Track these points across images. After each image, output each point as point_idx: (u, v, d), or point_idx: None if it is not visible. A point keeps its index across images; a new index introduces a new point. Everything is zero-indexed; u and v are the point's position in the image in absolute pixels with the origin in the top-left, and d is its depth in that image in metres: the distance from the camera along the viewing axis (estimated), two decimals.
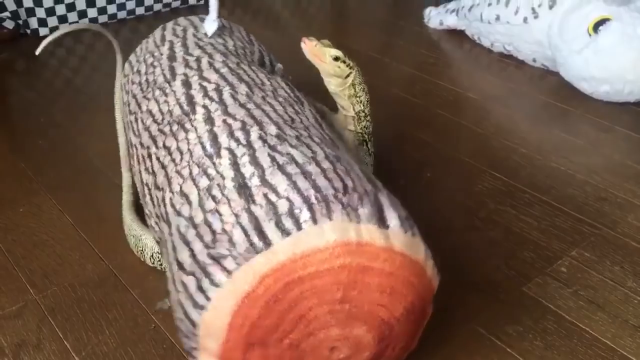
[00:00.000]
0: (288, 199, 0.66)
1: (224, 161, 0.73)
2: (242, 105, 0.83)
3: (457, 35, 1.88)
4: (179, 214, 0.72)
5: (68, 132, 1.37)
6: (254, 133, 0.77)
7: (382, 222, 0.67)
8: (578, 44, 1.46)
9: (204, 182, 0.72)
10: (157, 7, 2.01)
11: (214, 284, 0.63)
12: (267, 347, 0.66)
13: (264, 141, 0.75)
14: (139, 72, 1.06)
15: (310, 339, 0.67)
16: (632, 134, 1.39)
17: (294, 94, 0.94)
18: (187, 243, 0.68)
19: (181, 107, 0.87)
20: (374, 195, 0.69)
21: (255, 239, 0.64)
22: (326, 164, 0.71)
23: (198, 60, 0.98)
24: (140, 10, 1.98)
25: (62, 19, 1.84)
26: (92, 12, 1.88)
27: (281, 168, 0.70)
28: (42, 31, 1.83)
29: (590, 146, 1.35)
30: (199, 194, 0.71)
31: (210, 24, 1.09)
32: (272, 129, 0.78)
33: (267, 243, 0.63)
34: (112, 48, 1.80)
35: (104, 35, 1.87)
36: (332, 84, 0.99)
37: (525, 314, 0.93)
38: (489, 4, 1.69)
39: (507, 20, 1.64)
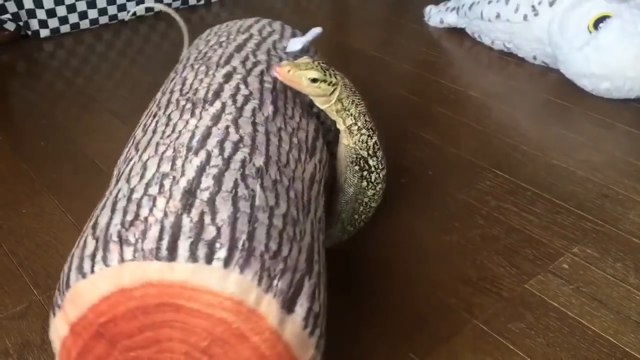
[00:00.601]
0: (219, 229, 0.62)
1: (195, 161, 0.71)
2: (253, 124, 0.80)
3: (458, 33, 1.89)
4: (128, 180, 0.70)
5: (69, 133, 1.37)
6: (240, 154, 0.74)
7: (288, 304, 0.62)
8: (578, 41, 1.47)
9: (165, 167, 0.70)
10: (158, 7, 2.02)
11: (105, 261, 0.61)
12: (113, 347, 0.63)
13: (243, 166, 0.72)
14: (207, 42, 1.04)
15: None
16: (633, 130, 1.39)
17: (312, 141, 0.89)
18: (113, 210, 0.66)
19: (207, 93, 0.85)
20: (301, 276, 0.65)
21: (164, 246, 0.61)
22: (277, 221, 0.67)
23: (255, 64, 0.94)
24: (140, 11, 1.98)
25: (63, 20, 1.84)
26: (92, 14, 1.88)
27: (235, 198, 0.66)
28: (43, 33, 1.83)
29: (592, 143, 1.35)
30: (154, 174, 0.69)
31: (296, 43, 1.06)
32: (259, 161, 0.74)
33: (172, 257, 0.60)
34: (112, 48, 1.81)
35: (103, 37, 1.87)
36: (318, 103, 0.92)
37: (528, 311, 0.93)
38: (489, 2, 1.69)
39: (507, 18, 1.64)
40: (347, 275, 0.99)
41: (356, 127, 0.93)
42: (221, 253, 0.60)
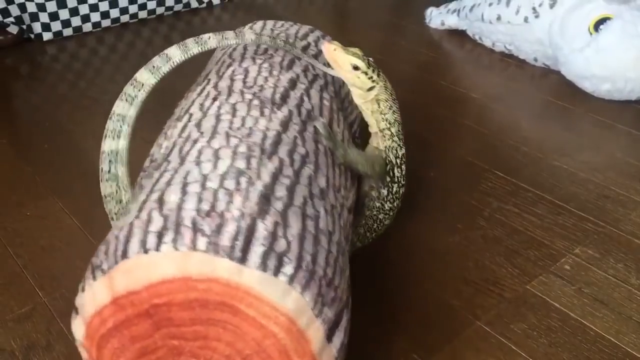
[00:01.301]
0: (289, 243, 0.62)
1: (270, 166, 0.69)
2: (315, 141, 0.80)
3: (459, 35, 1.89)
4: (198, 164, 0.68)
5: (73, 136, 1.38)
6: (307, 169, 0.73)
7: (330, 333, 0.63)
8: (579, 43, 1.47)
9: (240, 164, 0.68)
10: (160, 10, 2.03)
11: (175, 243, 0.59)
12: (157, 330, 0.62)
13: (309, 183, 0.72)
14: (272, 35, 1.00)
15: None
16: (633, 131, 1.40)
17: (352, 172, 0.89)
18: (184, 192, 0.64)
19: (273, 94, 0.83)
20: (342, 308, 0.66)
21: (238, 247, 0.60)
22: (333, 249, 0.68)
23: (315, 77, 0.94)
24: (143, 14, 1.99)
25: (66, 24, 1.85)
26: (95, 17, 1.89)
27: (304, 216, 0.66)
28: (46, 36, 1.84)
29: (592, 144, 1.35)
30: (229, 167, 0.67)
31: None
32: (322, 181, 0.73)
33: (244, 260, 0.59)
34: (114, 51, 1.82)
35: (106, 40, 1.88)
36: (355, 94, 0.92)
37: (530, 312, 0.93)
38: (490, 4, 1.70)
39: (508, 19, 1.65)
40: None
41: (389, 133, 0.93)
42: (288, 269, 0.60)
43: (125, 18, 1.96)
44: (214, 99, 0.83)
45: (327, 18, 2.16)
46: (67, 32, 1.87)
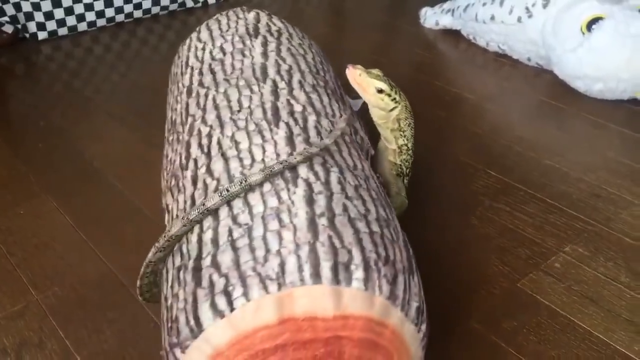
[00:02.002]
0: (350, 251, 0.65)
1: (299, 191, 0.71)
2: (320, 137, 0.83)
3: (453, 35, 1.90)
4: (235, 220, 0.69)
5: (67, 135, 1.39)
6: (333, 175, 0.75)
7: (407, 310, 0.67)
8: (571, 43, 1.48)
9: (272, 202, 0.70)
10: (155, 10, 2.03)
11: (247, 296, 0.61)
12: None
13: (340, 182, 0.74)
14: (222, 49, 1.03)
15: None
16: (625, 131, 1.41)
17: (361, 137, 0.92)
18: (234, 249, 0.66)
19: (264, 114, 0.85)
20: (408, 276, 0.68)
21: (307, 274, 0.62)
22: (375, 227, 0.70)
23: (290, 73, 0.97)
24: (138, 14, 2.00)
25: (61, 23, 1.85)
26: (90, 16, 1.90)
27: (352, 222, 0.68)
28: (41, 35, 1.84)
29: (585, 144, 1.36)
30: (265, 210, 0.69)
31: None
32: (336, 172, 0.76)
33: (317, 282, 0.62)
34: (109, 51, 1.82)
35: (101, 39, 1.89)
36: (376, 115, 0.95)
37: (520, 309, 0.94)
38: (484, 4, 1.71)
39: (502, 19, 1.66)
40: None
41: (406, 148, 0.98)
42: (358, 274, 0.63)
43: (120, 17, 1.96)
44: (209, 137, 0.84)
45: (323, 18, 2.16)
46: (62, 31, 1.87)
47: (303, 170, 0.74)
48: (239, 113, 0.86)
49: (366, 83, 0.91)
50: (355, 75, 0.91)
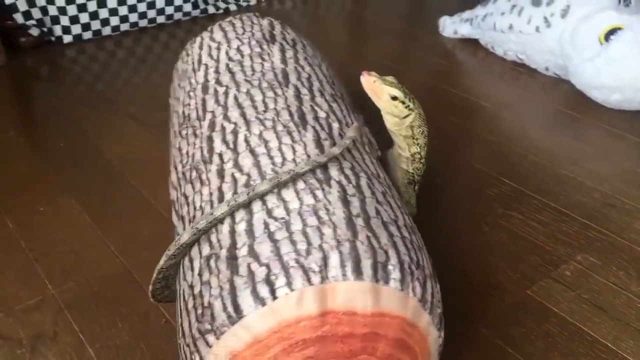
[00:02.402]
0: (386, 252, 0.67)
1: (334, 191, 0.73)
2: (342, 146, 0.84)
3: (471, 44, 1.91)
4: (270, 213, 0.70)
5: (88, 136, 1.42)
6: (363, 180, 0.78)
7: (430, 310, 0.69)
8: (589, 53, 1.48)
9: (308, 200, 0.72)
10: (178, 15, 2.06)
11: (290, 286, 0.62)
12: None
13: (370, 187, 0.77)
14: (239, 50, 1.07)
15: None
16: None
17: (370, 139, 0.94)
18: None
19: (291, 117, 0.87)
20: (434, 283, 0.71)
21: (349, 270, 0.64)
22: (405, 232, 0.72)
23: (310, 82, 0.99)
24: (161, 19, 2.03)
25: (86, 27, 1.90)
26: (114, 21, 1.93)
27: (385, 224, 0.70)
28: (66, 38, 1.88)
29: (601, 154, 1.36)
30: (301, 206, 0.70)
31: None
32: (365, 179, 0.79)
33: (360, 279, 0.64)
34: (132, 54, 1.86)
35: (124, 43, 1.92)
36: (389, 122, 0.96)
37: (529, 316, 0.94)
38: (502, 13, 1.71)
39: (520, 29, 1.66)
40: None
41: (419, 156, 0.99)
42: (395, 274, 0.65)
43: (143, 22, 2.00)
44: (246, 140, 0.84)
45: (343, 26, 2.18)
46: (87, 35, 1.91)
47: (334, 173, 0.76)
48: (265, 113, 0.87)
49: (380, 90, 0.92)
50: (370, 82, 0.92)
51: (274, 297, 0.61)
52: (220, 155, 0.82)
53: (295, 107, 0.89)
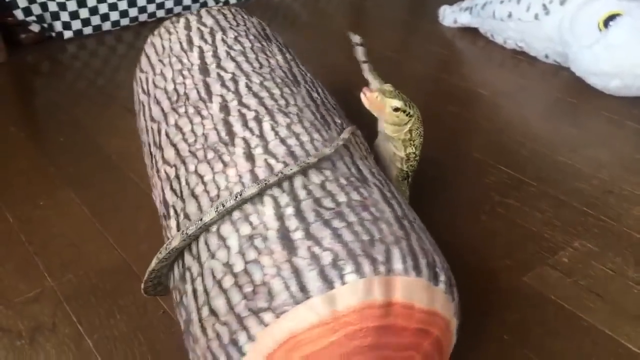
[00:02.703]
0: (432, 255, 0.69)
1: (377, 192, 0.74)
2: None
3: (471, 32, 1.90)
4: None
5: (88, 130, 1.42)
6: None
7: (458, 317, 0.71)
8: (588, 39, 1.47)
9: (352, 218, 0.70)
10: (177, 9, 2.07)
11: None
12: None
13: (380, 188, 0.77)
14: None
15: None
16: None
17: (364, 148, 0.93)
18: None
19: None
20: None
21: (410, 266, 0.65)
22: (430, 236, 0.75)
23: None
24: (161, 13, 2.03)
25: (86, 22, 1.90)
26: (114, 16, 1.94)
27: (405, 223, 0.72)
28: (67, 34, 1.89)
29: (600, 141, 1.35)
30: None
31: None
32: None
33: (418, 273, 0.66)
34: (132, 49, 1.86)
35: (124, 38, 1.93)
36: (389, 130, 0.95)
37: (525, 302, 0.94)
38: (501, 2, 1.70)
39: (519, 17, 1.65)
40: None
41: (414, 155, 0.99)
42: (442, 277, 0.68)
43: (143, 17, 2.00)
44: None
45: (343, 16, 2.18)
46: (87, 30, 1.92)
47: (367, 174, 0.78)
48: (288, 107, 0.86)
49: (383, 104, 0.92)
50: (373, 98, 0.91)
51: (343, 282, 0.61)
52: (245, 140, 0.80)
53: (315, 107, 0.88)
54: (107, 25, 1.95)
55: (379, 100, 0.91)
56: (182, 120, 0.91)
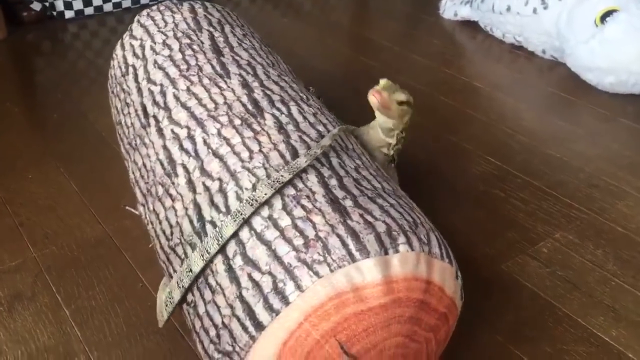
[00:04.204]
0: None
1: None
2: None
3: (471, 26, 1.90)
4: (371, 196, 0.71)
5: (82, 108, 1.44)
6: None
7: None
8: (585, 35, 1.47)
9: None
10: None
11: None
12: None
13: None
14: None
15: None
16: (633, 125, 1.39)
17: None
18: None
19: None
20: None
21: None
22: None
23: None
24: None
25: (87, 3, 1.91)
26: None
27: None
28: (68, 14, 1.90)
29: (590, 136, 1.35)
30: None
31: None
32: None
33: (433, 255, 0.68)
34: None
35: (125, 20, 1.94)
36: (390, 122, 0.95)
37: (501, 290, 0.95)
38: None
39: (518, 11, 1.65)
40: None
41: (402, 139, 0.99)
42: (455, 265, 0.72)
43: (145, 0, 2.01)
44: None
45: (346, 8, 2.18)
46: (89, 11, 1.93)
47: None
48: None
49: (390, 101, 0.92)
50: (384, 98, 0.91)
51: (396, 251, 0.64)
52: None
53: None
54: (108, 7, 1.96)
55: (386, 97, 0.91)
56: (196, 88, 0.89)
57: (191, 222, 0.74)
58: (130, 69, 1.02)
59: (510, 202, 1.14)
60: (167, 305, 0.74)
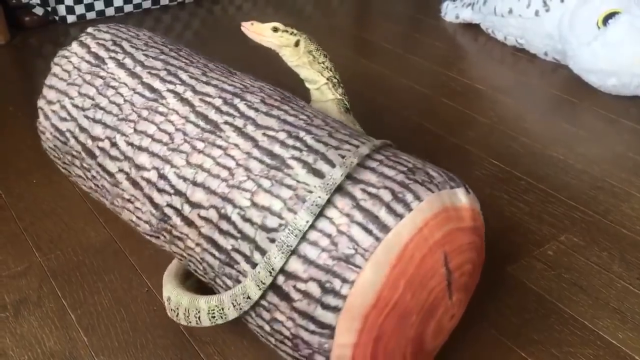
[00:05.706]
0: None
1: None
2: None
3: (473, 28, 1.90)
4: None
5: None
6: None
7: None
8: (587, 37, 1.47)
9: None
10: None
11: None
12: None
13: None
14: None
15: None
16: (637, 126, 1.39)
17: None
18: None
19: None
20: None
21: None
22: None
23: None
24: (164, 1, 2.04)
25: (89, 7, 1.91)
26: (118, 1, 1.95)
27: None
28: (70, 18, 1.90)
29: (593, 138, 1.35)
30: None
31: None
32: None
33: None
34: None
35: (128, 24, 1.94)
36: (287, 56, 0.98)
37: (507, 292, 0.95)
38: None
39: (520, 13, 1.65)
40: None
41: (336, 80, 1.01)
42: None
43: (147, 4, 2.01)
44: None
45: (348, 11, 2.18)
46: (91, 15, 1.93)
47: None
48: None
49: (262, 29, 0.97)
50: (249, 26, 0.97)
51: (409, 210, 0.66)
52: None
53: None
54: (110, 11, 1.96)
55: (257, 26, 0.96)
56: (141, 125, 0.83)
57: (213, 255, 0.74)
58: (68, 134, 0.93)
59: (514, 204, 1.14)
60: (212, 317, 0.75)
